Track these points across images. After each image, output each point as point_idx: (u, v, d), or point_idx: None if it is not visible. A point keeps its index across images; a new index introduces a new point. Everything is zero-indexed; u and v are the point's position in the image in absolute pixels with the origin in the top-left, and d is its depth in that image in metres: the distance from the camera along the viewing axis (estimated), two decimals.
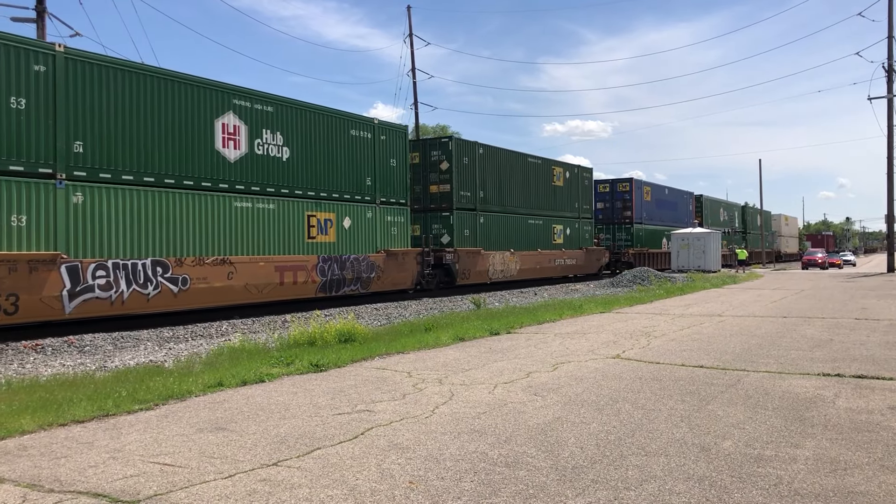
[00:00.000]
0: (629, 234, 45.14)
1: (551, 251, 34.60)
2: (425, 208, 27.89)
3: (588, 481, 4.64)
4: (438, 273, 26.57)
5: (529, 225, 32.85)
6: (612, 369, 8.91)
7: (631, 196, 45.55)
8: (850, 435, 5.70)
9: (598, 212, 44.91)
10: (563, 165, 37.04)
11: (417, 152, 27.78)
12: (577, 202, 37.94)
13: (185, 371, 9.19)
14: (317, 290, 20.25)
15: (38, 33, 24.18)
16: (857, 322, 14.05)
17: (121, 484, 4.70)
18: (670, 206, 51.88)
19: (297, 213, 19.95)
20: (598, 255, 40.03)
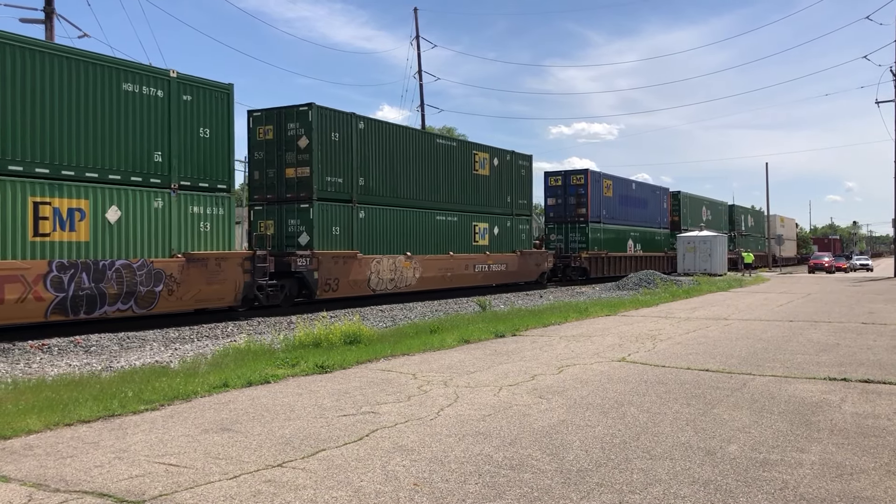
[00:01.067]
0: (583, 234, 38.82)
1: (470, 255, 28.44)
2: (280, 198, 21.87)
3: (593, 484, 4.63)
4: (289, 284, 20.49)
5: (438, 222, 26.88)
6: (618, 372, 8.90)
7: (586, 190, 39.06)
8: (857, 440, 5.68)
9: (548, 209, 40.16)
10: (489, 150, 30.58)
11: (271, 125, 21.89)
12: (511, 196, 31.78)
13: (190, 372, 9.21)
14: (48, 311, 14.20)
15: (47, 34, 24.30)
16: (863, 326, 13.99)
17: (126, 484, 4.71)
18: (638, 203, 45.35)
19: (9, 198, 13.82)
20: (539, 260, 33.86)
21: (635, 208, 44.80)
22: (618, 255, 41.64)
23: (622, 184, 43.55)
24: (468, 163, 28.95)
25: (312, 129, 21.25)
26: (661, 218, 48.99)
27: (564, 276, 37.95)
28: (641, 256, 44.79)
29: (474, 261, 28.76)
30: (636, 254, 44.41)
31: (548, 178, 40.43)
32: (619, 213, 42.36)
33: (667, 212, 50.10)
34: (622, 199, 43.00)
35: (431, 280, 26.27)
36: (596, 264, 39.06)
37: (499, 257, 30.51)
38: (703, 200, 58.59)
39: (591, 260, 38.58)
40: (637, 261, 43.97)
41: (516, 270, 31.71)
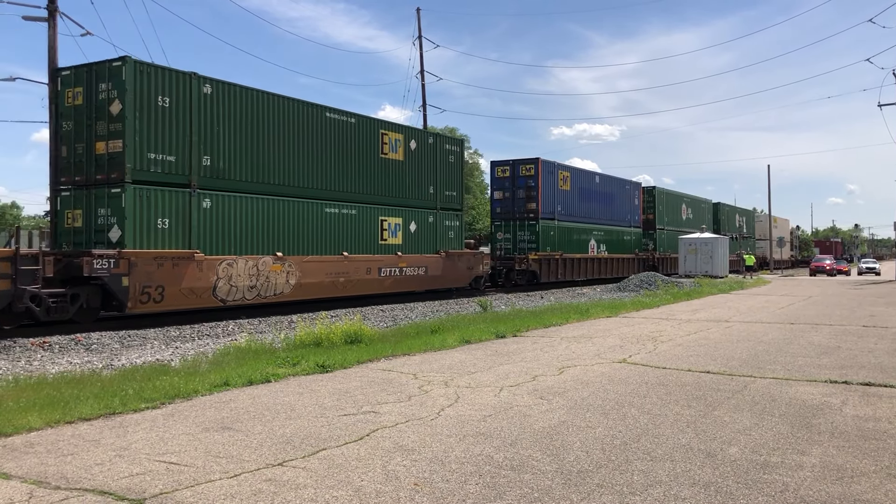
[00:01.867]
0: (533, 233, 33.64)
1: (375, 256, 23.25)
2: (89, 181, 16.81)
3: (593, 485, 4.63)
4: (87, 293, 15.70)
5: (328, 216, 21.57)
6: (619, 374, 8.90)
7: (537, 182, 33.91)
8: (857, 442, 5.67)
9: (495, 204, 35.34)
10: (405, 131, 25.54)
11: (81, 87, 16.95)
12: (436, 186, 26.65)
13: (191, 370, 9.22)
14: None
15: (50, 32, 24.31)
16: (864, 329, 13.98)
17: (127, 482, 4.71)
18: (603, 198, 40.28)
19: None
20: (472, 262, 28.57)
21: (599, 204, 39.82)
22: (576, 256, 36.53)
23: (583, 176, 38.67)
24: (373, 144, 23.61)
25: (126, 90, 16.27)
26: (632, 216, 44.23)
27: (508, 281, 33.31)
28: (606, 259, 40.00)
29: (380, 263, 23.44)
30: (600, 255, 39.33)
31: (494, 169, 35.63)
32: (578, 209, 37.44)
33: (638, 209, 45.13)
34: (583, 194, 37.97)
35: (315, 287, 20.80)
36: (548, 267, 33.86)
37: (416, 259, 25.21)
38: (683, 197, 53.88)
39: (542, 262, 33.40)
40: (600, 264, 39.30)
41: (440, 275, 26.47)
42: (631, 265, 42.47)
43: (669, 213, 49.99)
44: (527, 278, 33.16)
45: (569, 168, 37.49)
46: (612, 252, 40.85)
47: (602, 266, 39.33)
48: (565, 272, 35.27)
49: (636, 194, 45.00)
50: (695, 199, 56.15)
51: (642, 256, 44.49)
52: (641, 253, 44.57)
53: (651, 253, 46.34)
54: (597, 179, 40.12)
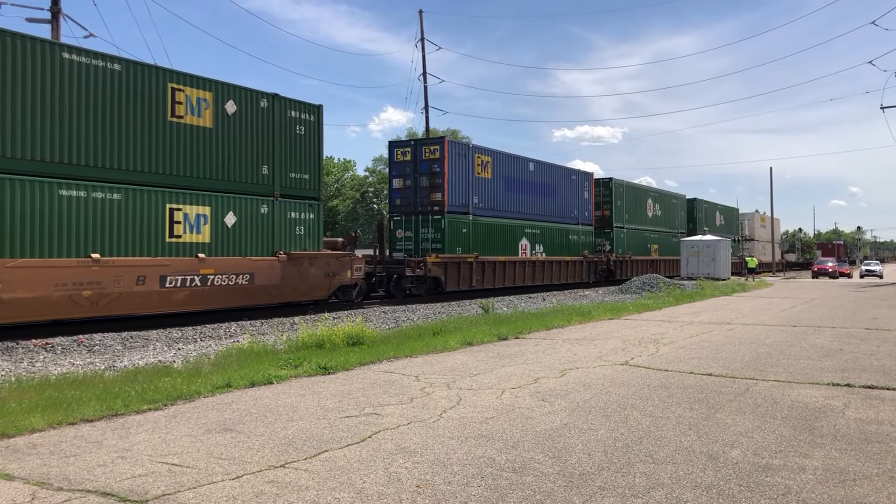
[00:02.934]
0: (438, 230, 27.37)
1: (158, 260, 16.65)
2: None
3: (595, 488, 4.63)
4: None
5: (66, 200, 15.13)
6: (621, 376, 8.89)
7: (443, 168, 27.27)
8: (860, 445, 5.67)
9: (394, 194, 28.90)
10: (214, 87, 18.47)
11: None
12: (273, 165, 20.09)
13: (193, 372, 9.23)
14: None
15: (53, 34, 24.37)
16: (867, 332, 13.96)
17: (129, 483, 4.72)
18: (541, 190, 34.02)
19: None
20: (333, 268, 21.47)
21: (535, 197, 33.46)
22: (498, 259, 30.01)
23: (510, 162, 31.91)
24: (157, 103, 17.10)
25: None
26: (581, 212, 37.81)
27: (401, 290, 25.87)
28: (544, 262, 33.52)
29: (165, 269, 16.73)
30: (535, 258, 32.85)
31: (393, 151, 29.15)
32: (504, 201, 31.07)
33: (589, 203, 38.71)
34: (511, 184, 31.67)
35: (35, 305, 14.29)
36: (456, 273, 27.31)
37: (232, 264, 18.41)
38: (649, 191, 47.93)
39: (448, 266, 26.87)
40: (535, 268, 32.68)
41: (278, 284, 19.66)
42: (578, 269, 36.46)
43: (631, 210, 43.58)
44: (427, 287, 26.27)
45: (490, 151, 30.38)
46: (553, 254, 34.49)
47: (538, 271, 32.83)
48: (483, 278, 28.80)
49: (586, 186, 38.42)
50: (664, 193, 49.91)
51: (593, 259, 38.02)
52: (593, 255, 38.15)
53: (606, 255, 39.74)
54: (531, 167, 33.27)
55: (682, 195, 53.44)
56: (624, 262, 41.67)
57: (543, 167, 34.69)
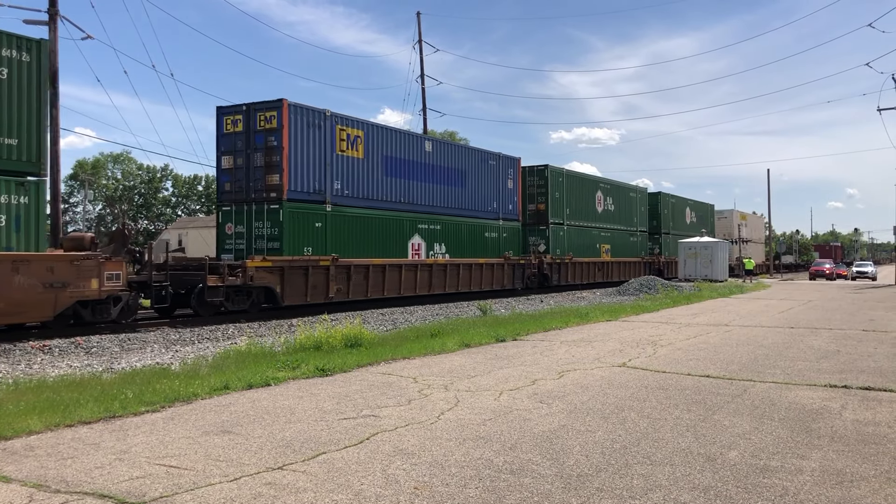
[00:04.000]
0: (276, 225, 20.43)
1: None
2: None
3: (593, 489, 4.63)
4: None
5: None
6: (618, 378, 8.90)
7: (281, 141, 20.33)
8: (857, 447, 5.68)
9: (222, 176, 21.56)
10: None
11: None
12: None
13: (191, 374, 9.22)
14: None
15: (50, 36, 24.35)
16: (864, 333, 13.99)
17: (127, 485, 4.72)
18: (442, 176, 27.08)
19: None
20: (65, 277, 14.93)
21: (433, 184, 26.67)
22: (374, 262, 22.94)
23: (394, 140, 24.78)
24: None
25: None
26: (503, 204, 30.83)
27: (205, 307, 18.47)
28: (446, 265, 26.48)
29: None
30: (431, 261, 25.84)
31: (221, 120, 21.38)
32: (383, 189, 24.14)
33: (515, 195, 31.84)
34: (396, 167, 24.72)
35: None
36: (301, 281, 20.21)
37: None
38: (598, 182, 40.49)
39: (286, 273, 19.76)
40: (434, 273, 25.78)
41: None
42: (498, 274, 29.89)
43: (573, 203, 36.99)
44: (253, 300, 19.61)
45: (362, 124, 23.35)
46: (462, 255, 27.99)
47: (438, 277, 26.16)
48: (349, 287, 21.87)
49: (510, 175, 31.51)
50: (618, 185, 43.06)
51: (519, 262, 31.33)
52: (519, 257, 31.66)
53: (538, 257, 33.22)
54: (427, 147, 26.23)
55: (643, 188, 47.08)
56: (562, 266, 34.68)
57: (447, 148, 28.30)
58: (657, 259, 46.56)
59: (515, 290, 31.13)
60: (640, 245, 45.07)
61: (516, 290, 31.18)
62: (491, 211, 30.30)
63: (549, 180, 34.88)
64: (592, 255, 38.60)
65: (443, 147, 28.12)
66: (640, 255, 44.82)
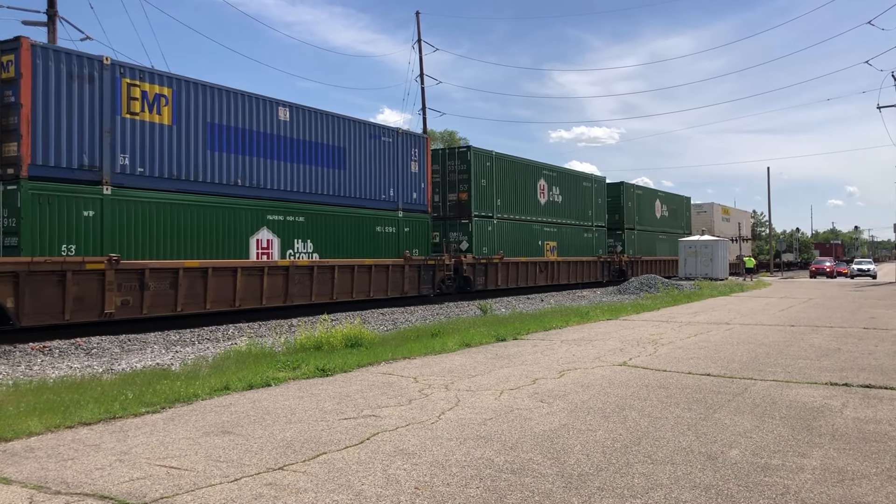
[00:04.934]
0: (13, 213, 14.39)
1: None
2: None
3: (594, 489, 4.63)
4: None
5: None
6: (619, 376, 8.89)
7: (18, 93, 14.35)
8: (858, 445, 5.67)
9: None
10: None
11: None
12: None
13: (191, 374, 9.22)
14: None
15: (49, 37, 24.36)
16: (865, 331, 13.98)
17: (127, 486, 4.71)
18: (309, 154, 21.08)
19: None
20: None
21: (295, 164, 20.56)
22: (187, 266, 17.06)
23: (225, 102, 18.76)
24: None
25: None
26: (404, 192, 24.65)
27: None
28: (311, 268, 20.31)
29: None
30: (293, 262, 19.92)
31: None
32: (208, 168, 18.23)
33: (422, 181, 25.54)
34: (227, 137, 18.72)
35: None
36: (42, 294, 14.22)
37: None
38: (540, 169, 34.07)
39: (19, 281, 13.85)
40: (293, 279, 19.66)
41: None
42: (391, 278, 23.57)
43: (507, 193, 31.01)
44: None
45: (170, 79, 17.45)
46: (338, 255, 21.71)
47: (296, 283, 19.77)
48: (145, 299, 16.08)
49: (415, 156, 25.40)
50: (568, 174, 36.89)
51: (422, 262, 25.01)
52: (423, 257, 25.21)
53: (455, 256, 27.23)
54: (282, 115, 20.13)
55: (601, 177, 40.70)
56: (490, 267, 28.96)
57: (315, 118, 21.30)
58: (619, 258, 41.20)
59: (427, 297, 25.71)
60: (596, 242, 39.24)
61: (428, 297, 25.73)
62: (386, 200, 24.05)
63: (472, 165, 28.56)
64: (533, 253, 32.74)
65: (308, 117, 21.09)
66: (597, 253, 39.10)
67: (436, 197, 28.60)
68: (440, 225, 28.76)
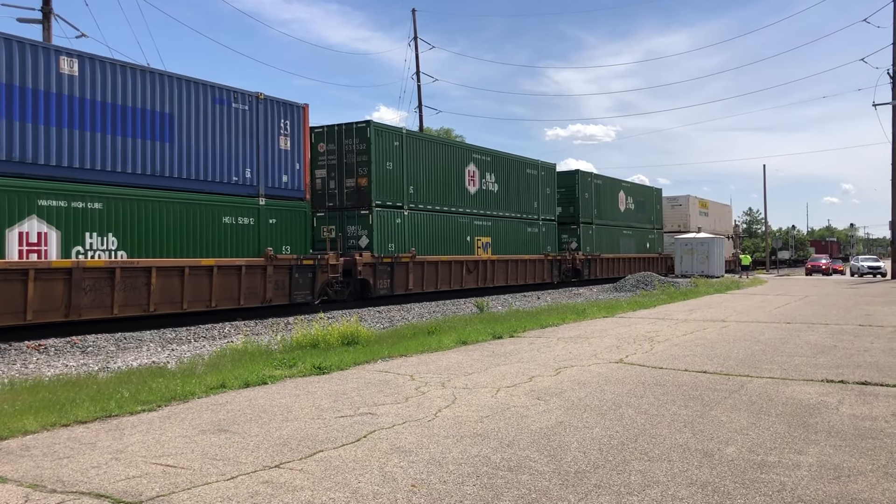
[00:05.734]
0: None
1: None
2: None
3: (591, 486, 4.63)
4: None
5: None
6: (615, 374, 8.90)
7: None
8: (854, 442, 5.68)
9: None
10: None
11: None
12: None
13: (187, 372, 9.20)
14: None
15: (44, 34, 24.26)
16: (860, 328, 14.01)
17: (123, 485, 4.70)
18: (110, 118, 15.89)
19: None
20: None
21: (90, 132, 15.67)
22: None
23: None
24: None
25: None
26: (266, 174, 19.70)
27: None
28: (113, 270, 15.33)
29: None
30: (77, 262, 14.73)
31: None
32: None
33: (293, 160, 20.57)
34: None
35: None
36: None
37: None
38: (470, 152, 29.22)
39: None
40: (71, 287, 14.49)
41: None
42: (251, 282, 18.76)
43: (421, 178, 26.06)
44: None
45: None
46: (161, 253, 16.82)
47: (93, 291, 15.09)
48: None
49: (284, 129, 20.31)
50: (506, 158, 31.56)
51: (293, 262, 20.04)
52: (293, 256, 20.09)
53: (345, 255, 22.56)
54: (66, 67, 15.32)
55: (550, 164, 35.30)
56: (396, 267, 24.32)
57: (119, 73, 16.32)
58: (572, 256, 36.07)
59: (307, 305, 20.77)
60: (544, 238, 33.97)
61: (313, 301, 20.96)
62: (239, 184, 18.94)
63: (373, 144, 23.71)
64: (459, 251, 27.84)
65: (111, 72, 16.11)
66: (545, 250, 33.82)
67: (331, 183, 24.29)
68: (337, 217, 24.16)
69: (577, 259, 36.46)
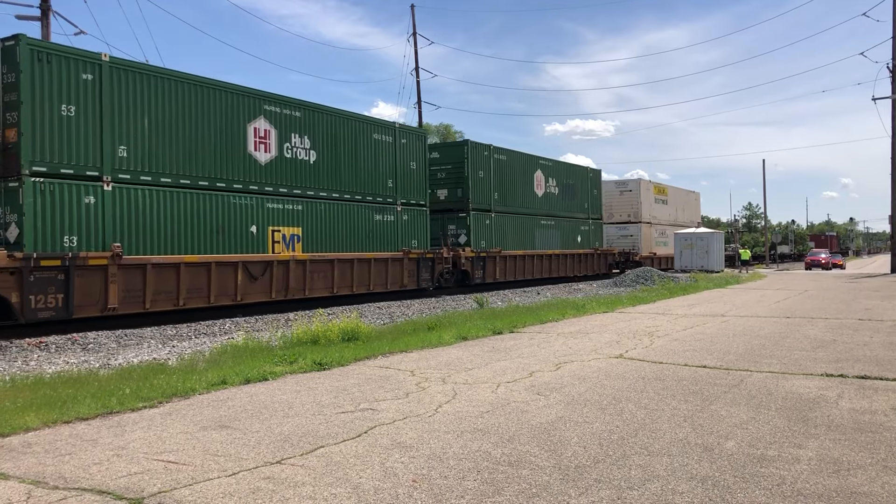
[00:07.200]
0: None
1: None
2: None
3: (591, 480, 4.64)
4: None
5: None
6: (615, 369, 8.92)
7: None
8: (853, 435, 5.70)
9: None
10: None
11: None
12: None
13: (188, 369, 9.22)
14: None
15: (43, 31, 24.24)
16: (860, 323, 14.02)
17: (125, 481, 4.71)
18: None
19: None
20: None
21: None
22: None
23: None
24: None
25: None
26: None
27: None
28: None
29: None
30: None
31: None
32: None
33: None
34: None
35: None
36: None
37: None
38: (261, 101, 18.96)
39: None
40: None
41: None
42: None
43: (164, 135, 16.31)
44: None
45: None
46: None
47: None
48: None
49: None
50: (345, 117, 21.88)
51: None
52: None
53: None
54: None
55: (419, 131, 26.97)
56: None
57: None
58: (454, 254, 26.48)
59: None
60: (411, 231, 24.72)
61: None
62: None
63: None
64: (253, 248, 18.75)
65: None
66: (409, 246, 24.34)
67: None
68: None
69: (463, 256, 26.86)
